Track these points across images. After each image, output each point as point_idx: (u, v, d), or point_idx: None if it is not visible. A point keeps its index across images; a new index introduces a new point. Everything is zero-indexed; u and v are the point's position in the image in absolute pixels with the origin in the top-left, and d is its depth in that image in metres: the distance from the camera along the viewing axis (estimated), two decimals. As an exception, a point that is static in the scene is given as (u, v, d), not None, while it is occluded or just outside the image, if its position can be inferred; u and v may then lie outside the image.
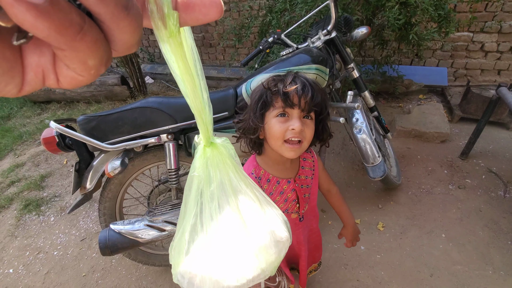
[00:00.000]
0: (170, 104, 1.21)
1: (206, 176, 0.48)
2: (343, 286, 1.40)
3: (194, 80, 0.33)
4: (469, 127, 2.30)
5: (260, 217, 0.57)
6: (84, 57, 0.16)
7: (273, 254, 0.58)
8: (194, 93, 0.34)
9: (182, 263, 0.55)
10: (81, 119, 1.16)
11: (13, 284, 1.62)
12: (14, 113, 3.72)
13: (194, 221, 0.52)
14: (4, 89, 0.17)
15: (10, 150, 2.94)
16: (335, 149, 2.36)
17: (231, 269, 0.55)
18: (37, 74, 0.18)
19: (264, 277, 0.57)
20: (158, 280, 1.52)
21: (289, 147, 0.72)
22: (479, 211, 1.69)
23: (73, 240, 1.84)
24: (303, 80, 0.72)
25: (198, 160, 0.47)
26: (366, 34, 1.48)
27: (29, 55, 0.17)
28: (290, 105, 0.70)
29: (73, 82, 0.18)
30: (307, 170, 0.90)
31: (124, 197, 1.42)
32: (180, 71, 0.31)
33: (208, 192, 0.49)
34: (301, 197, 0.89)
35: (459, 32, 2.69)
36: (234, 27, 2.48)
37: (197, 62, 0.32)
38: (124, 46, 0.18)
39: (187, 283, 0.56)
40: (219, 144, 0.47)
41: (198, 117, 0.38)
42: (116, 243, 1.13)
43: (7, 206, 2.19)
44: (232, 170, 0.49)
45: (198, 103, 0.36)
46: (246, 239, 0.56)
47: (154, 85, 4.06)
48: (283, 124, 0.71)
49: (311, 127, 0.74)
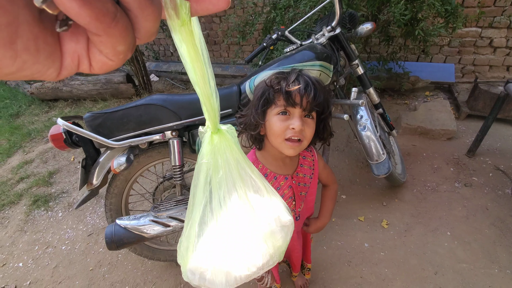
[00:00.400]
0: (175, 101, 1.22)
1: (214, 163, 0.48)
2: (346, 283, 1.40)
3: (202, 68, 0.34)
4: (476, 124, 2.26)
5: (266, 202, 0.57)
6: (115, 43, 0.18)
7: (280, 239, 0.59)
8: (204, 80, 0.35)
9: (191, 259, 0.56)
10: (87, 116, 1.18)
11: (22, 278, 1.66)
12: (22, 111, 3.79)
13: (203, 211, 0.52)
14: (46, 72, 0.19)
15: (19, 147, 2.99)
16: (339, 146, 2.35)
17: (241, 258, 0.56)
18: (73, 60, 0.19)
19: (273, 263, 0.58)
20: (163, 274, 1.54)
21: (289, 145, 0.72)
22: (486, 209, 1.67)
23: (81, 235, 1.87)
24: (306, 79, 0.71)
25: (206, 147, 0.47)
26: (371, 30, 1.47)
27: (67, 42, 0.19)
28: (292, 104, 0.70)
29: (104, 66, 0.20)
30: (306, 169, 0.90)
31: (129, 193, 1.44)
32: (191, 59, 0.32)
33: (217, 179, 0.50)
34: (297, 195, 0.89)
35: (467, 27, 2.64)
36: (238, 24, 2.48)
37: (204, 51, 0.33)
38: (146, 33, 0.20)
39: (199, 279, 0.57)
40: (225, 130, 0.48)
41: (207, 103, 0.39)
42: (122, 238, 1.15)
43: (17, 202, 2.24)
44: (239, 156, 0.50)
45: (207, 90, 0.37)
46: (254, 226, 0.56)
47: (159, 83, 4.09)
48: (284, 122, 0.72)
49: (311, 126, 0.74)
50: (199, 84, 0.36)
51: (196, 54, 0.31)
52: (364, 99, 1.49)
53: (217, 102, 0.40)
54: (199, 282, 0.57)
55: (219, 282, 0.56)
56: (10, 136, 3.18)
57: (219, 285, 0.56)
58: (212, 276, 0.56)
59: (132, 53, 0.21)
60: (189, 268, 0.57)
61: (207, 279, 0.56)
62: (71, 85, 3.67)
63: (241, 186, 0.52)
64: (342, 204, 1.84)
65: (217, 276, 0.56)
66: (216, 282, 0.56)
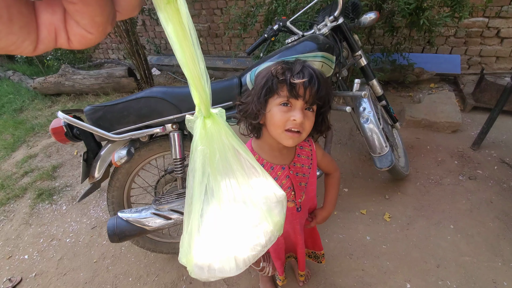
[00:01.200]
0: (175, 94, 1.21)
1: (210, 148, 0.48)
2: (348, 275, 1.40)
3: (191, 48, 0.33)
4: (482, 117, 2.22)
5: (262, 182, 0.57)
6: (93, 12, 0.18)
7: (277, 214, 0.60)
8: (192, 61, 0.34)
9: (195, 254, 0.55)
10: (87, 109, 1.18)
11: (28, 269, 1.69)
12: (26, 105, 3.81)
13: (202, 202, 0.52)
14: (22, 44, 0.18)
15: (23, 142, 3.02)
16: (342, 139, 2.33)
17: (245, 240, 0.56)
18: (50, 32, 0.19)
19: (275, 239, 0.59)
20: (165, 267, 1.56)
21: (288, 135, 0.73)
22: (490, 202, 1.66)
23: (84, 228, 1.89)
24: (310, 72, 0.70)
25: (199, 133, 0.46)
26: (374, 19, 1.44)
27: (42, 13, 0.18)
28: (295, 96, 0.70)
29: (83, 40, 0.20)
30: (303, 159, 0.89)
31: (131, 187, 1.44)
32: (178, 39, 0.31)
33: (214, 164, 0.49)
34: (296, 185, 0.89)
35: (474, 17, 2.57)
36: (239, 15, 2.45)
37: (192, 32, 0.32)
38: (127, 7, 0.20)
39: (207, 271, 0.56)
40: (217, 114, 0.47)
41: (198, 85, 0.38)
42: (124, 231, 1.16)
43: (21, 196, 2.27)
44: (232, 138, 0.49)
45: (196, 72, 0.36)
46: (254, 206, 0.56)
47: (160, 77, 4.07)
48: (285, 113, 0.71)
49: (311, 119, 0.74)
50: (188, 66, 0.34)
51: (183, 34, 0.30)
52: (367, 91, 1.46)
53: (208, 84, 0.39)
54: (208, 274, 0.56)
55: (230, 269, 0.56)
56: (14, 130, 3.20)
57: (230, 271, 0.56)
58: (221, 264, 0.55)
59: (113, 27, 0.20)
60: (195, 263, 0.56)
61: (217, 269, 0.56)
62: (73, 79, 3.67)
63: (238, 168, 0.52)
64: (344, 197, 1.83)
65: (226, 263, 0.55)
66: (226, 270, 0.56)
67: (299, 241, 1.06)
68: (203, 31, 3.88)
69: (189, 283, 1.46)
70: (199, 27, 3.85)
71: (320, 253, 1.25)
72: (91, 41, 0.20)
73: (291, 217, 0.96)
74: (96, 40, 0.20)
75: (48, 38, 0.19)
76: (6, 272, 1.70)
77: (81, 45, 0.20)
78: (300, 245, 1.08)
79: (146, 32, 4.33)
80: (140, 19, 4.05)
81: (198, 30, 3.89)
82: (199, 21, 3.80)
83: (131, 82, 3.53)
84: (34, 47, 0.19)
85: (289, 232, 1.04)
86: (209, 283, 1.45)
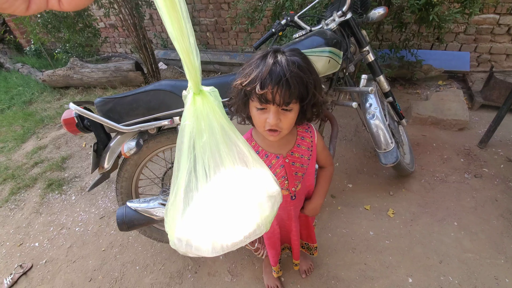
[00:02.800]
0: (183, 86, 1.22)
1: (197, 126, 0.46)
2: (350, 269, 1.42)
3: (180, 21, 0.32)
4: (490, 115, 2.20)
5: (253, 172, 0.57)
6: None
7: (267, 209, 0.59)
8: (182, 35, 0.34)
9: (177, 227, 0.55)
10: (98, 101, 1.20)
11: (39, 257, 1.74)
12: (35, 98, 3.87)
13: (188, 177, 0.51)
14: (14, 3, 0.18)
15: (33, 133, 3.08)
16: (347, 135, 2.33)
17: (227, 227, 0.56)
18: None
19: (260, 233, 0.58)
20: (171, 256, 1.60)
21: (269, 133, 0.76)
22: (495, 200, 1.65)
23: (93, 218, 1.94)
24: (279, 73, 0.66)
25: (188, 109, 0.46)
26: (383, 15, 1.43)
27: None
28: (265, 102, 0.69)
29: (73, 2, 0.20)
30: (303, 149, 0.90)
31: (139, 178, 1.47)
32: (167, 10, 0.31)
33: (201, 143, 0.48)
34: (291, 174, 0.90)
35: (484, 14, 2.53)
36: (246, 10, 2.44)
37: (182, 5, 0.32)
38: None
39: (185, 246, 0.57)
40: (208, 92, 0.46)
41: (187, 59, 0.37)
42: (133, 220, 1.19)
43: (32, 185, 2.33)
44: (223, 120, 0.48)
45: (186, 46, 0.35)
46: (241, 195, 0.56)
47: (167, 71, 4.09)
48: (261, 115, 0.74)
49: (290, 117, 0.73)
50: (177, 39, 0.34)
51: (172, 6, 0.30)
52: (374, 87, 1.46)
53: (198, 59, 0.38)
54: (186, 249, 0.57)
55: (206, 249, 0.56)
56: (24, 122, 3.27)
57: (205, 252, 0.56)
58: (198, 243, 0.56)
59: None
60: (176, 235, 0.57)
61: (194, 246, 0.56)
62: (82, 72, 3.72)
63: (227, 152, 0.51)
64: (348, 192, 1.84)
65: (204, 243, 0.56)
66: (202, 249, 0.56)
67: (293, 228, 1.07)
68: (210, 26, 3.88)
69: (194, 273, 1.50)
70: (206, 21, 3.85)
71: (313, 246, 1.28)
72: (81, 3, 0.20)
73: (285, 204, 0.98)
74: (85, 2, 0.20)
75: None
76: (17, 258, 1.75)
77: (71, 6, 0.20)
78: (294, 232, 1.09)
79: (153, 26, 4.35)
80: (147, 13, 4.06)
81: (205, 24, 3.89)
82: (206, 15, 3.80)
83: (138, 76, 3.56)
84: (27, 7, 0.19)
85: (283, 219, 1.06)
86: (214, 273, 1.48)
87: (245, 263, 1.51)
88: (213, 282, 1.45)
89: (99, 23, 4.49)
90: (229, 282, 1.44)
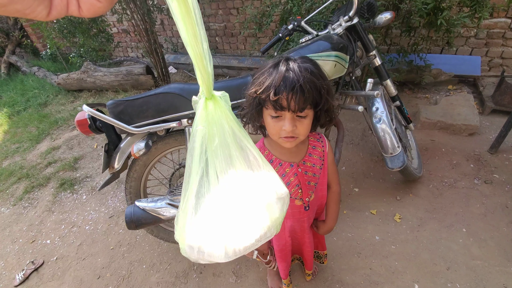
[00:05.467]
0: (191, 90, 1.26)
1: (209, 130, 0.47)
2: (355, 273, 1.41)
3: (194, 27, 0.33)
4: (501, 120, 2.16)
5: (263, 174, 0.56)
6: None
7: (277, 211, 0.59)
8: (195, 40, 0.35)
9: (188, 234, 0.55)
10: (110, 103, 1.25)
11: (50, 253, 1.80)
12: (50, 100, 4.00)
13: (199, 183, 0.51)
14: (37, 9, 0.20)
15: (47, 134, 3.19)
16: (354, 140, 2.32)
17: (239, 230, 0.56)
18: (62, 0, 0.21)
19: (271, 235, 0.58)
20: (177, 256, 1.62)
21: (285, 140, 0.75)
22: (505, 207, 1.62)
23: (103, 217, 1.99)
24: (293, 79, 0.66)
25: (200, 113, 0.46)
26: (390, 19, 1.43)
27: None
28: (281, 109, 0.70)
29: (92, 8, 0.21)
30: (315, 159, 0.90)
31: (148, 178, 1.51)
32: (182, 17, 0.31)
33: (212, 147, 0.48)
34: (304, 183, 0.89)
35: (496, 18, 2.50)
36: (255, 15, 2.48)
37: (196, 11, 0.33)
38: None
39: (197, 253, 0.56)
40: (219, 97, 0.47)
41: (200, 65, 0.38)
42: (141, 218, 1.22)
43: (45, 185, 2.41)
44: (234, 124, 0.49)
45: (199, 51, 0.36)
46: (252, 197, 0.55)
47: (177, 75, 4.17)
48: (276, 123, 0.73)
49: (305, 123, 0.74)
50: (191, 44, 0.35)
51: (187, 12, 0.31)
52: (380, 91, 1.47)
53: (211, 65, 0.39)
54: (197, 256, 0.56)
55: (218, 255, 0.56)
56: (39, 123, 3.38)
57: (218, 257, 0.56)
58: (211, 249, 0.55)
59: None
60: (187, 242, 0.56)
61: (206, 252, 0.56)
62: (95, 76, 3.83)
63: (238, 156, 0.51)
64: (354, 196, 1.83)
65: (216, 248, 0.55)
66: (215, 255, 0.56)
67: (306, 239, 1.06)
68: (219, 31, 3.95)
69: (200, 273, 1.52)
70: (216, 26, 3.92)
71: (323, 253, 1.27)
72: (100, 10, 0.21)
73: (299, 215, 0.97)
74: (104, 9, 0.21)
75: (61, 5, 0.21)
76: (29, 255, 1.81)
77: (90, 13, 0.21)
78: (307, 244, 1.08)
79: (164, 31, 4.45)
80: (158, 18, 4.17)
81: (214, 29, 3.96)
82: (216, 20, 3.87)
83: (149, 80, 3.65)
84: (48, 13, 0.21)
85: (296, 231, 1.04)
86: (218, 273, 1.50)
87: (250, 264, 1.52)
88: (217, 283, 1.46)
89: (112, 29, 4.63)
90: (234, 283, 1.45)
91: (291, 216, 0.98)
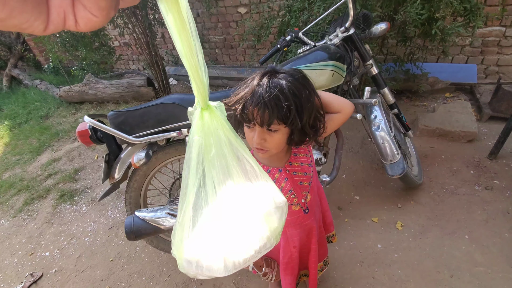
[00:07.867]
0: (191, 100, 1.27)
1: (206, 141, 0.47)
2: (358, 283, 1.39)
3: (189, 39, 0.34)
4: (499, 126, 2.17)
5: (262, 185, 0.56)
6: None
7: (276, 220, 0.58)
8: (191, 52, 0.35)
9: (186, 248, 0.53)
10: (111, 114, 1.27)
11: (49, 266, 1.78)
12: (51, 112, 4.04)
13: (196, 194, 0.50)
14: (34, 23, 0.20)
15: (48, 146, 3.20)
16: (354, 147, 2.33)
17: (238, 243, 0.55)
18: (59, 14, 0.21)
19: (271, 246, 0.57)
20: (177, 268, 1.59)
21: (258, 151, 0.77)
22: (507, 213, 1.61)
23: (102, 228, 1.98)
24: (260, 95, 0.67)
25: (196, 124, 0.46)
26: (385, 30, 1.47)
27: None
28: (249, 122, 0.72)
29: (89, 23, 0.21)
30: (301, 157, 0.89)
31: (148, 188, 1.51)
32: (177, 29, 0.32)
33: (209, 158, 0.48)
34: (296, 185, 0.88)
35: (490, 26, 2.55)
36: (253, 27, 2.54)
37: (191, 23, 0.33)
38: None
39: (195, 267, 0.54)
40: (215, 107, 0.47)
41: (195, 75, 0.39)
42: (140, 229, 1.22)
43: (45, 196, 2.40)
44: (230, 134, 0.49)
45: (194, 63, 0.37)
46: (250, 208, 0.55)
47: (177, 86, 4.22)
48: (250, 133, 0.76)
49: (276, 137, 0.74)
50: (186, 56, 0.35)
51: (182, 24, 0.32)
52: (378, 98, 1.49)
53: (206, 76, 0.40)
54: (196, 271, 0.54)
55: (217, 269, 0.54)
56: (40, 135, 3.40)
57: (218, 271, 0.54)
58: (210, 263, 0.54)
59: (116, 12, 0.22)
60: (185, 257, 0.54)
61: (205, 266, 0.54)
62: (96, 88, 3.88)
63: (235, 166, 0.50)
64: (355, 204, 1.83)
65: (215, 262, 0.54)
66: (214, 269, 0.54)
67: (312, 245, 1.02)
68: (219, 43, 4.02)
69: (200, 284, 1.50)
70: (215, 39, 4.00)
71: (331, 234, 1.22)
72: (96, 24, 0.21)
73: (301, 220, 0.95)
74: (100, 23, 0.21)
75: (58, 20, 0.21)
76: (28, 267, 1.79)
77: (87, 27, 0.22)
78: (313, 251, 1.04)
79: (165, 44, 4.54)
80: (159, 32, 4.25)
81: (214, 42, 4.04)
82: (215, 33, 3.95)
83: (150, 91, 3.69)
84: (45, 27, 0.21)
85: (303, 239, 1.01)
86: (219, 285, 1.48)
87: (251, 275, 1.50)
88: (218, 294, 1.44)
89: (114, 42, 4.72)
90: (235, 294, 1.43)
91: (294, 224, 0.96)
